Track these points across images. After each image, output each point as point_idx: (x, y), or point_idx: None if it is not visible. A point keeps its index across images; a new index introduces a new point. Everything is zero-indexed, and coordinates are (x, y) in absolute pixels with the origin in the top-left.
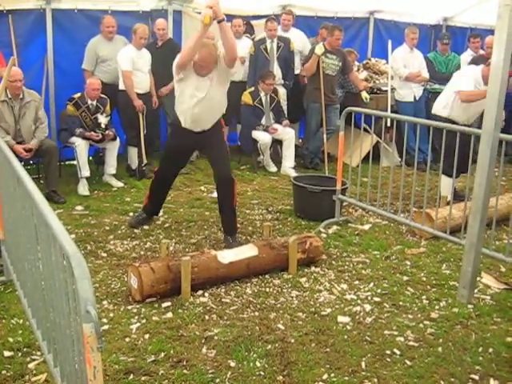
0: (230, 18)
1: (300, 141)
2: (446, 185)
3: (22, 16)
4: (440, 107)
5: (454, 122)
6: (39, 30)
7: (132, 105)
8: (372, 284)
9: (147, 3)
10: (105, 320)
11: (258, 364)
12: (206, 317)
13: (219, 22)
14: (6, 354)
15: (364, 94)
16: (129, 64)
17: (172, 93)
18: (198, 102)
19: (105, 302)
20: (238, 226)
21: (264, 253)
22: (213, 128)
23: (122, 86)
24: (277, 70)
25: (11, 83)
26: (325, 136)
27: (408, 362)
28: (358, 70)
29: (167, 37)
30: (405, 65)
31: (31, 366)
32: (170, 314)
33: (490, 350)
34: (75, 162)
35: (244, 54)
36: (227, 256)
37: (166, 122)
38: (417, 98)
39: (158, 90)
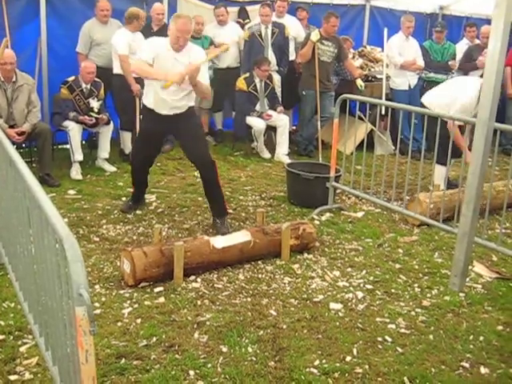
0: (225, 3)
1: (294, 127)
2: (440, 173)
3: None
4: (437, 106)
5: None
6: (33, 12)
7: (126, 89)
8: (364, 271)
9: None
10: (97, 304)
11: (249, 349)
12: (199, 302)
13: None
14: None
15: (359, 82)
16: (126, 48)
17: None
18: (162, 99)
19: (97, 287)
20: (231, 211)
21: (257, 238)
22: (185, 113)
23: (116, 70)
24: (271, 57)
25: (2, 66)
26: (319, 123)
27: (399, 349)
28: (354, 57)
29: (163, 22)
30: (400, 53)
31: (23, 349)
32: (162, 299)
33: (481, 338)
34: (68, 146)
35: (230, 40)
36: (220, 241)
37: None
38: (412, 87)
39: None
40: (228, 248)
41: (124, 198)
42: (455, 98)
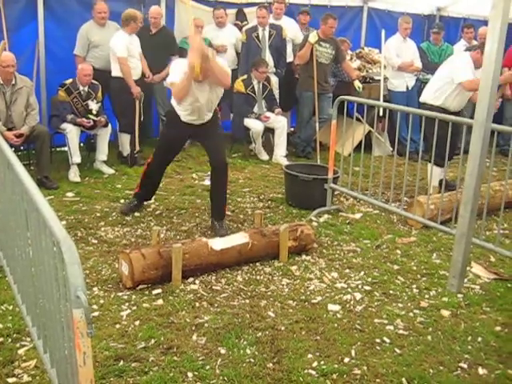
0: (222, 4)
1: (292, 129)
2: (436, 174)
3: (13, 0)
4: (430, 96)
5: (444, 110)
6: (31, 14)
7: (126, 91)
8: (362, 273)
9: None
10: (95, 306)
11: (248, 351)
12: (197, 304)
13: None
14: None
15: (357, 83)
16: (124, 50)
17: (163, 82)
18: (198, 107)
19: (95, 289)
20: (229, 213)
21: (255, 240)
22: (211, 118)
23: (115, 73)
24: (269, 58)
25: (3, 68)
26: (317, 125)
27: (397, 351)
28: (351, 59)
29: (161, 24)
30: (398, 54)
31: (21, 351)
32: (160, 301)
33: (479, 339)
34: (66, 149)
35: (228, 43)
36: (218, 243)
37: (157, 109)
38: (409, 88)
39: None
40: (226, 250)
41: (122, 200)
42: (450, 72)
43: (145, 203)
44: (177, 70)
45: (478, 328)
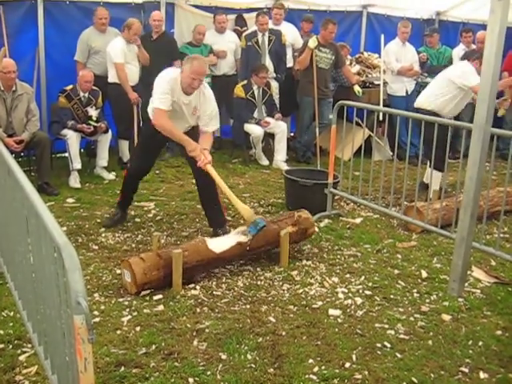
0: (223, 10)
1: (292, 134)
2: (436, 178)
3: (13, 7)
4: (426, 101)
5: (438, 116)
6: (31, 21)
7: (123, 97)
8: (363, 277)
9: None
10: (96, 312)
11: (249, 356)
12: (198, 309)
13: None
14: None
15: (356, 88)
16: (121, 56)
17: None
18: (180, 120)
19: (96, 295)
20: (230, 218)
21: None
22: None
23: (112, 79)
24: (268, 64)
25: (5, 75)
26: (317, 130)
27: (398, 355)
28: (351, 63)
29: (162, 29)
30: (397, 59)
31: (22, 358)
32: (161, 307)
33: (480, 343)
34: (66, 155)
35: (227, 48)
36: (218, 246)
37: None
38: (409, 92)
39: (150, 80)
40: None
41: (115, 208)
42: (456, 77)
43: (144, 209)
44: (160, 90)
45: (479, 332)
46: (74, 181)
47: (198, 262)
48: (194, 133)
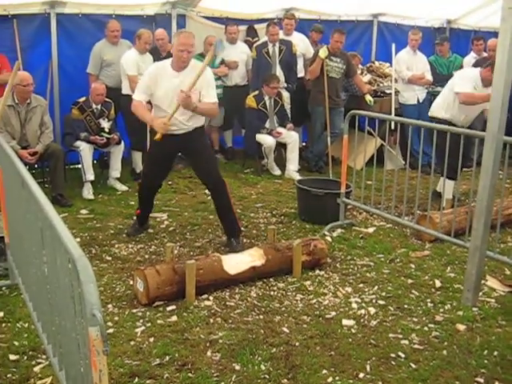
0: (233, 21)
1: (304, 144)
2: (449, 187)
3: (26, 20)
4: (438, 109)
5: (451, 124)
6: (44, 34)
7: None
8: (376, 287)
9: (151, 7)
10: (110, 323)
11: (262, 367)
12: (211, 320)
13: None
14: (12, 357)
15: (368, 97)
16: (134, 68)
17: None
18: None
19: (110, 306)
20: (243, 229)
21: (269, 255)
22: (193, 133)
23: (125, 91)
24: (279, 74)
25: (23, 87)
26: (329, 139)
27: (413, 365)
28: (362, 73)
29: (169, 46)
30: (408, 67)
31: (36, 369)
32: (174, 318)
33: (495, 353)
34: (80, 166)
35: (238, 59)
36: (232, 267)
37: None
38: (420, 101)
39: None
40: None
41: (136, 217)
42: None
43: (157, 220)
44: (145, 79)
45: (494, 342)
46: (88, 192)
47: (211, 282)
48: (197, 147)
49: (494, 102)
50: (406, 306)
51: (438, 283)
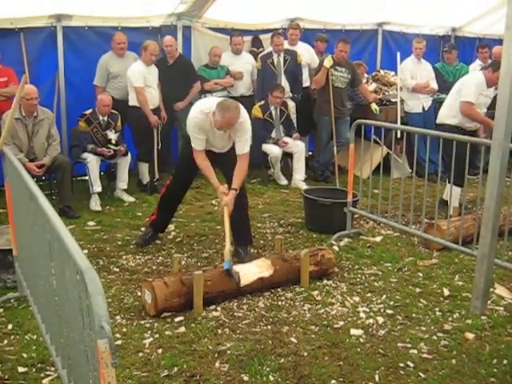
0: (238, 32)
1: (310, 153)
2: (456, 194)
3: (33, 34)
4: (445, 115)
5: (461, 129)
6: (50, 47)
7: (143, 121)
8: (384, 296)
9: (157, 19)
10: (118, 335)
11: (271, 378)
12: (219, 331)
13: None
14: (21, 369)
15: (373, 106)
16: (141, 80)
17: (188, 107)
18: (213, 143)
19: (118, 317)
20: None
21: (276, 265)
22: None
23: (132, 102)
24: (284, 84)
25: (27, 101)
26: (335, 148)
27: (422, 375)
28: (367, 82)
29: (176, 53)
30: (412, 76)
31: (45, 381)
32: (182, 329)
33: (505, 361)
34: (87, 178)
35: (243, 69)
36: (241, 277)
37: (178, 137)
38: (426, 109)
39: (170, 105)
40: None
41: (143, 228)
42: (460, 89)
43: (164, 231)
44: (193, 132)
45: (504, 350)
46: (95, 204)
47: (218, 293)
48: (229, 155)
49: (500, 110)
50: (414, 315)
51: (446, 292)
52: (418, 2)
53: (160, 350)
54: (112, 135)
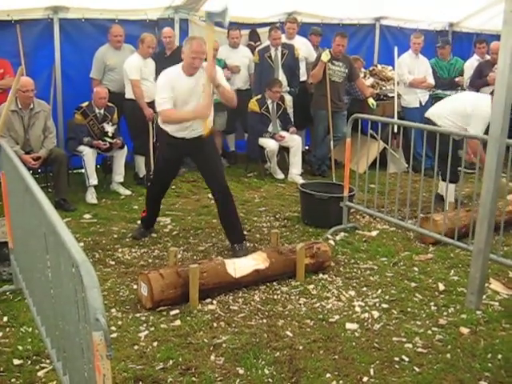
0: (235, 25)
1: (306, 148)
2: (451, 190)
3: (29, 26)
4: (440, 118)
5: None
6: (47, 39)
7: (139, 113)
8: (380, 291)
9: (154, 12)
10: (113, 328)
11: (266, 371)
12: (215, 324)
13: (217, 87)
14: (16, 362)
15: (370, 101)
16: (137, 73)
17: None
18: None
19: (113, 310)
20: (246, 233)
21: (272, 258)
22: (202, 137)
23: (128, 95)
24: (282, 78)
25: (23, 93)
26: (332, 143)
27: (416, 369)
28: (365, 76)
29: (175, 45)
30: (410, 71)
31: (40, 374)
32: (178, 322)
33: (499, 356)
34: (83, 171)
35: (240, 63)
36: (236, 271)
37: None
38: (423, 104)
39: None
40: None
41: (139, 222)
42: (469, 114)
43: (160, 224)
44: (164, 89)
45: (498, 345)
46: (91, 196)
47: (215, 285)
48: (204, 153)
49: (497, 105)
50: (409, 310)
51: (441, 286)
52: None
53: (155, 343)
54: (108, 128)
